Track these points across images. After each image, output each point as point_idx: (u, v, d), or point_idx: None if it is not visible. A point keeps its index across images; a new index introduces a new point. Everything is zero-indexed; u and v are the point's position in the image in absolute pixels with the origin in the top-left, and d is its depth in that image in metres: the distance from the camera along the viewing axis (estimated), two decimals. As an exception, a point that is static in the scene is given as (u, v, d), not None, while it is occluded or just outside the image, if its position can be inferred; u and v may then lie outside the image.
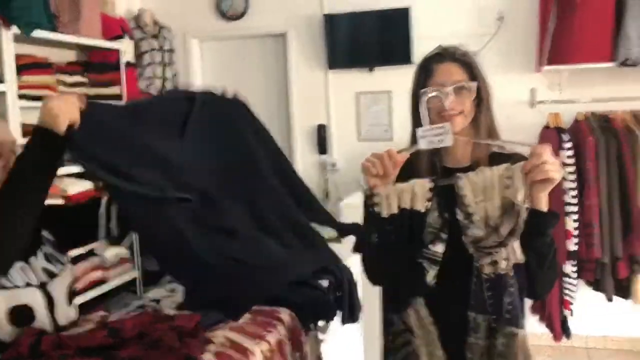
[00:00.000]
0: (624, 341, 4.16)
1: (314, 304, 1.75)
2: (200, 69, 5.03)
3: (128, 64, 4.23)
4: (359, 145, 4.68)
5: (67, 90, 3.47)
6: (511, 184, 1.44)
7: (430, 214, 1.50)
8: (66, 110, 1.40)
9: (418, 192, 1.50)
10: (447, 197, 1.50)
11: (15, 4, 3.13)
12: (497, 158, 1.62)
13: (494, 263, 1.48)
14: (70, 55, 3.91)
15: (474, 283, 1.50)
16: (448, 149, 1.66)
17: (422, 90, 1.62)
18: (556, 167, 1.40)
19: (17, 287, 1.43)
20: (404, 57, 4.32)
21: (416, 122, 1.65)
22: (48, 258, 1.55)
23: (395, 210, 1.51)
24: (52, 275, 1.53)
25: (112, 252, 3.82)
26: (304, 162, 4.80)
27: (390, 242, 1.52)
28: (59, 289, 1.54)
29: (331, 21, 4.49)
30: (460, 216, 1.47)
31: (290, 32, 4.68)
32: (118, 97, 3.95)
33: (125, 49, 4.15)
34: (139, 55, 4.49)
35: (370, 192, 1.54)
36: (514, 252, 1.49)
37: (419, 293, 1.54)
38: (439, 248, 1.49)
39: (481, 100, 1.65)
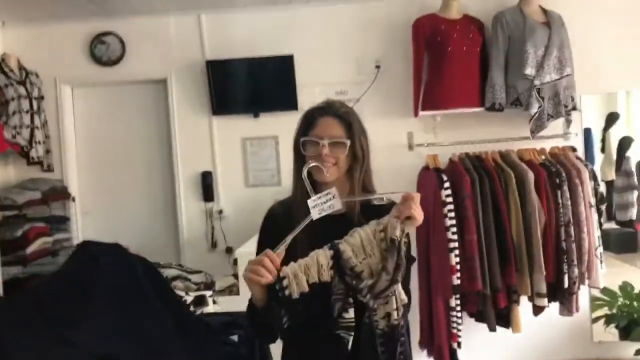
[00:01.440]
0: (507, 368, 4.40)
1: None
2: (73, 117, 4.74)
3: (-9, 112, 3.88)
4: (247, 192, 4.63)
5: None
6: (387, 230, 1.51)
7: (334, 283, 1.51)
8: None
9: (322, 262, 1.51)
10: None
11: None
12: (369, 207, 1.73)
13: (387, 316, 1.52)
14: None
15: (367, 339, 1.52)
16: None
17: (302, 139, 1.78)
18: (419, 209, 1.54)
19: None
20: (289, 103, 4.37)
21: (297, 166, 1.80)
22: None
23: (306, 288, 1.50)
24: None
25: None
26: (187, 210, 4.64)
27: (301, 322, 1.52)
28: None
29: (213, 67, 4.45)
30: (349, 278, 1.50)
31: (172, 78, 4.57)
32: (-19, 148, 3.59)
33: (-12, 95, 3.81)
34: (4, 102, 4.14)
35: (277, 277, 1.52)
36: (400, 294, 1.54)
37: None
38: (351, 313, 1.51)
39: (355, 156, 1.77)
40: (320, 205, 1.58)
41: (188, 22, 4.54)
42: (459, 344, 4.16)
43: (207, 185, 4.60)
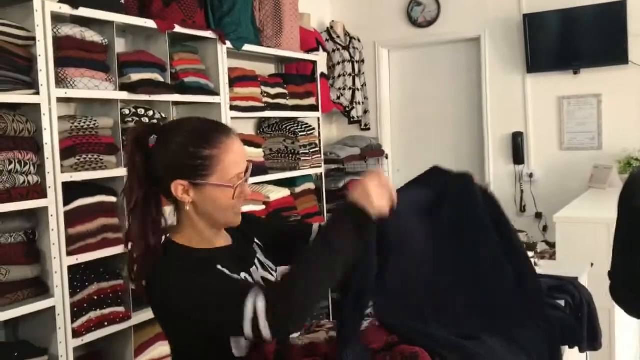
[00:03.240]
0: None
1: (557, 325, 1.55)
2: (389, 79, 5.00)
3: (321, 75, 4.32)
4: (561, 155, 4.31)
5: (270, 102, 3.61)
6: None
7: None
8: (385, 202, 1.28)
9: None
10: None
11: (227, 20, 3.33)
12: None
13: None
14: (269, 68, 4.09)
15: None
16: None
17: None
18: None
19: None
20: (617, 57, 3.90)
21: None
22: (264, 266, 1.51)
23: None
24: (269, 283, 1.47)
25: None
26: (496, 171, 4.54)
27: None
28: None
29: (530, 21, 4.19)
30: None
31: (485, 35, 4.47)
32: (314, 108, 4.03)
33: (319, 60, 4.24)
34: (331, 66, 4.58)
35: None
36: None
37: None
38: None
39: None
40: None
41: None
42: None
43: (517, 147, 4.41)
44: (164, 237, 1.37)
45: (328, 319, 3.42)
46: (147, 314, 2.70)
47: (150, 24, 2.83)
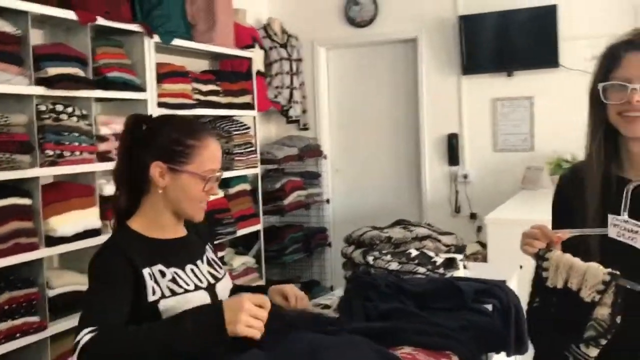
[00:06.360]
0: None
1: (483, 332, 1.52)
2: (327, 78, 4.95)
3: (258, 73, 4.23)
4: (495, 156, 4.37)
5: (202, 99, 3.49)
6: None
7: (598, 308, 1.22)
8: (254, 332, 1.21)
9: (588, 279, 1.23)
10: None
11: (156, 12, 3.19)
12: None
13: None
14: (203, 65, 3.96)
15: None
16: (630, 157, 1.39)
17: (602, 84, 1.36)
18: None
19: (188, 291, 1.46)
20: (548, 60, 3.98)
21: (594, 121, 1.41)
22: (210, 263, 1.60)
23: (559, 285, 1.27)
24: (216, 279, 1.57)
25: (239, 261, 3.81)
26: (432, 172, 4.56)
27: (549, 315, 1.31)
28: (224, 291, 1.57)
29: (466, 22, 4.23)
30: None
31: (422, 37, 4.48)
32: (249, 106, 3.93)
33: (256, 58, 4.14)
34: (268, 64, 4.48)
35: (544, 252, 1.31)
36: None
37: None
38: (592, 352, 1.22)
39: None
40: (621, 229, 1.29)
41: (441, -23, 4.38)
42: None
43: (452, 148, 4.45)
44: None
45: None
46: (65, 323, 2.56)
47: (70, 15, 2.67)
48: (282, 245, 4.30)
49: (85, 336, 1.24)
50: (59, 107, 2.61)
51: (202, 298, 1.48)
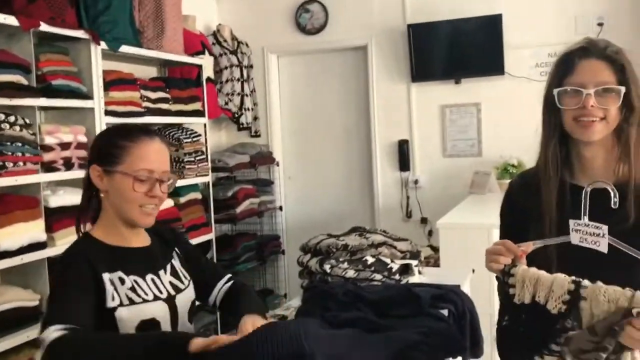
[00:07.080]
0: None
1: (440, 337, 1.54)
2: (279, 85, 4.94)
3: (208, 80, 4.18)
4: (444, 162, 4.45)
5: (151, 106, 3.41)
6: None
7: (562, 320, 1.23)
8: None
9: (555, 291, 1.24)
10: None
11: (102, 18, 3.11)
12: None
13: None
14: (151, 72, 3.88)
15: None
16: (583, 163, 1.43)
17: (557, 90, 1.39)
18: None
19: (146, 301, 1.45)
20: (494, 68, 4.09)
21: (548, 127, 1.44)
22: (176, 272, 1.58)
23: (527, 300, 1.27)
24: (177, 289, 1.55)
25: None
26: (383, 178, 4.61)
27: (519, 332, 1.30)
28: (184, 302, 1.55)
29: (415, 31, 4.30)
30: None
31: (372, 45, 4.53)
32: (200, 113, 3.88)
33: (206, 64, 4.09)
34: (218, 71, 4.44)
35: (509, 267, 1.30)
36: None
37: None
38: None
39: (631, 109, 1.38)
40: (583, 234, 1.28)
41: (390, -15, 4.45)
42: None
43: (403, 154, 4.51)
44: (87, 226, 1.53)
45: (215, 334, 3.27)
46: (11, 341, 2.45)
47: (11, 20, 2.56)
48: (235, 254, 4.25)
49: (52, 334, 1.23)
50: (0, 116, 2.50)
51: (160, 309, 1.46)
